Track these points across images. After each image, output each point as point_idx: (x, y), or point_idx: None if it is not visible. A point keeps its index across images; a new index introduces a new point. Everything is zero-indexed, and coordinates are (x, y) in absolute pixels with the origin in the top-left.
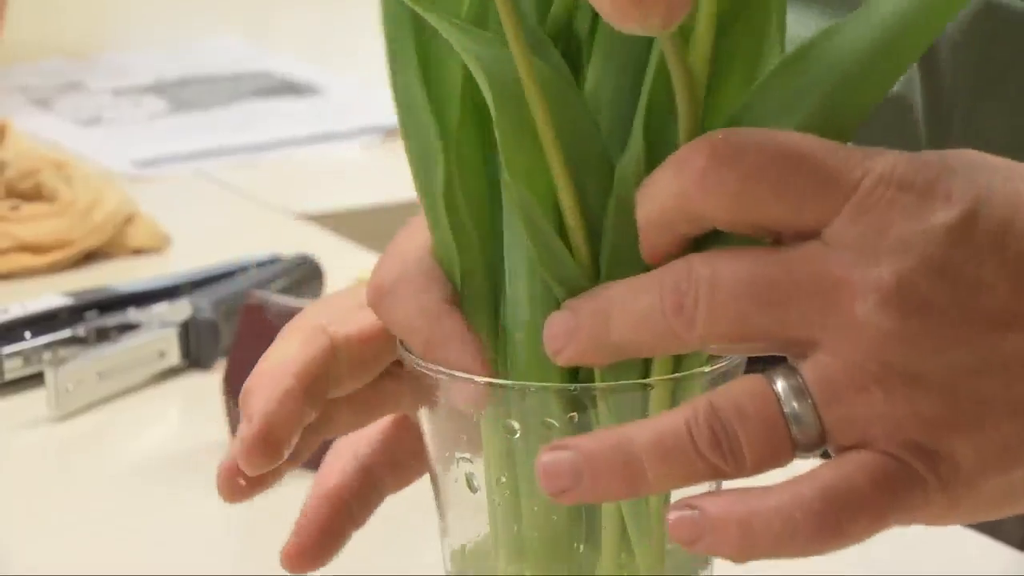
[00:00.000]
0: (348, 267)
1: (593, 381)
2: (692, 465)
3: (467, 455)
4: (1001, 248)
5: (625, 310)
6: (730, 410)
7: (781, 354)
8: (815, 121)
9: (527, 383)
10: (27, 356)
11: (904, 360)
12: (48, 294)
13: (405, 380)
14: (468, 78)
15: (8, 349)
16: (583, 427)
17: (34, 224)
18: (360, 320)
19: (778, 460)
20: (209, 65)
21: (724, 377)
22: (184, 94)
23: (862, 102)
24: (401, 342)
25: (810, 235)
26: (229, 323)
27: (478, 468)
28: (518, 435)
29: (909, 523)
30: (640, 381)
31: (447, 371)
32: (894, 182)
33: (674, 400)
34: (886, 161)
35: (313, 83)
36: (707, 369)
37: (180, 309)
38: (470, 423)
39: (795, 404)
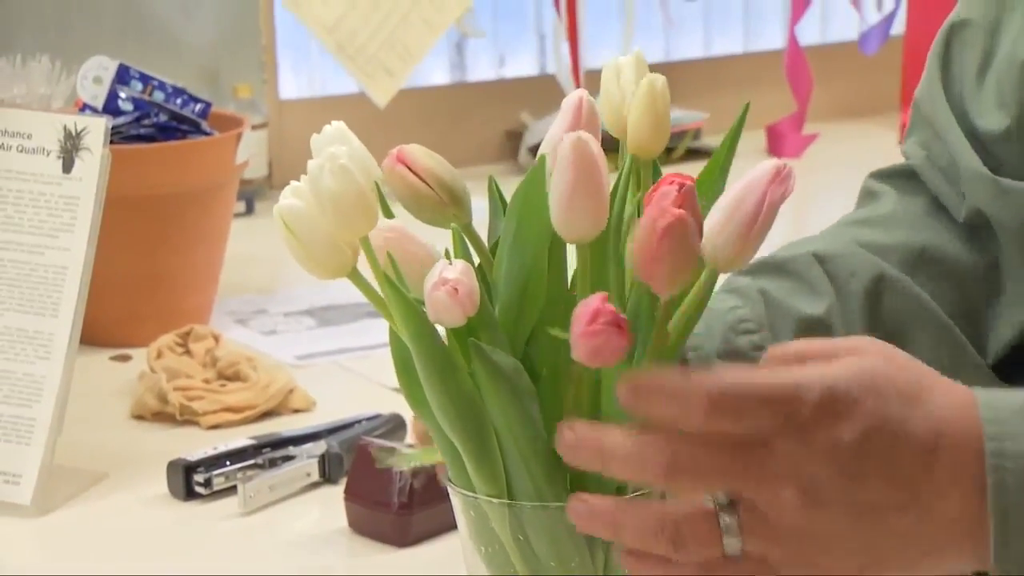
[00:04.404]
0: None
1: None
2: (653, 548)
3: (491, 547)
4: (887, 460)
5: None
6: (684, 528)
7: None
8: None
9: (527, 502)
10: (227, 476)
11: (805, 526)
12: (240, 438)
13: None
14: None
15: (217, 472)
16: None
17: (234, 395)
18: None
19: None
20: (342, 296)
21: None
22: (327, 315)
23: None
24: (446, 476)
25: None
26: (349, 455)
27: (499, 554)
28: (523, 540)
29: None
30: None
31: (473, 495)
32: (820, 409)
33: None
34: (815, 391)
35: None
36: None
37: (320, 447)
38: (492, 529)
39: (730, 537)
